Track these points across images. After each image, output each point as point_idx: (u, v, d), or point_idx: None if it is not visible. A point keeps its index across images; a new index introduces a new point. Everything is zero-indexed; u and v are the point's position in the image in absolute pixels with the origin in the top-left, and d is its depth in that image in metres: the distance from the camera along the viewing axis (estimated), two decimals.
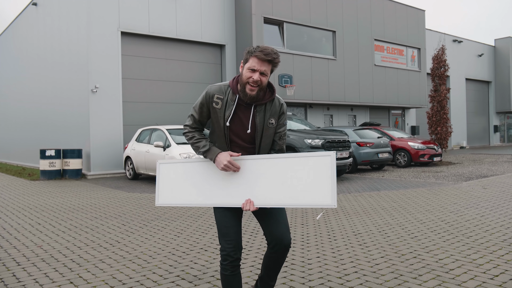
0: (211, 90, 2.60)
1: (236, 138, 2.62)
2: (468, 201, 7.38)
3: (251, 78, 2.46)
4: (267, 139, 2.63)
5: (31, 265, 4.17)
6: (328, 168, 2.35)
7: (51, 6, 16.16)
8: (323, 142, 11.20)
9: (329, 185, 2.35)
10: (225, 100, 2.57)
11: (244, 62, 2.55)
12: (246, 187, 2.52)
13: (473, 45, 29.16)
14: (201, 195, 2.62)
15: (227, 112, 2.56)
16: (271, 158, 2.51)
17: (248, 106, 2.58)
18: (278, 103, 2.66)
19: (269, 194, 2.47)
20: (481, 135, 30.56)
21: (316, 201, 2.37)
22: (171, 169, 2.73)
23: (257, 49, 2.47)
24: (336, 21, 18.64)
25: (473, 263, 3.97)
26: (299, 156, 2.45)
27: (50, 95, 16.39)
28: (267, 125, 2.60)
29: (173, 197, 2.69)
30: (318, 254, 4.38)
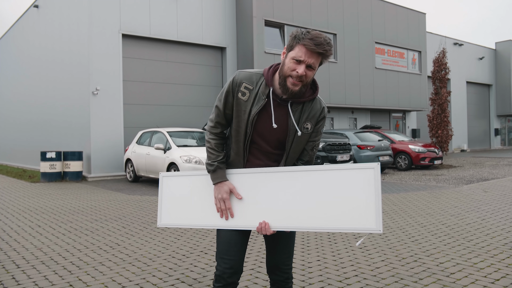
0: (239, 76, 2.15)
1: (259, 140, 2.18)
2: (469, 205, 7.36)
3: (295, 72, 2.00)
4: (297, 146, 2.18)
5: (30, 268, 4.16)
6: (371, 183, 1.90)
7: (53, 9, 16.20)
8: (323, 145, 11.19)
9: (372, 205, 1.89)
10: (255, 92, 2.12)
11: (288, 48, 2.06)
12: (263, 206, 2.10)
13: (474, 48, 29.18)
14: (209, 215, 2.23)
15: (254, 107, 2.10)
16: (294, 171, 2.07)
17: (282, 103, 2.12)
18: (319, 106, 2.20)
19: (291, 215, 2.04)
20: (482, 138, 30.53)
21: (356, 224, 1.92)
22: (175, 182, 2.35)
23: (306, 36, 1.99)
24: (337, 23, 18.66)
25: (474, 267, 3.96)
26: (332, 169, 2.00)
27: (51, 97, 16.41)
28: (301, 129, 2.15)
29: (178, 216, 2.31)
30: (319, 257, 4.37)
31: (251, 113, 2.11)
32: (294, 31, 2.05)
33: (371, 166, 1.92)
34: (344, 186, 1.94)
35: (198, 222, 2.27)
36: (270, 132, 2.15)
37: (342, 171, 1.97)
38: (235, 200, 2.17)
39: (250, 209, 2.12)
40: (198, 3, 15.48)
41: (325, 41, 1.98)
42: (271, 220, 2.08)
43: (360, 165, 1.96)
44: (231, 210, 2.15)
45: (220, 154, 2.21)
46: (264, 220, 2.09)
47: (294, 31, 2.05)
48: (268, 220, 2.09)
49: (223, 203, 2.15)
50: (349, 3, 19.18)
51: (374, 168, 1.92)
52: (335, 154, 11.24)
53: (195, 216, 2.27)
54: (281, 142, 2.17)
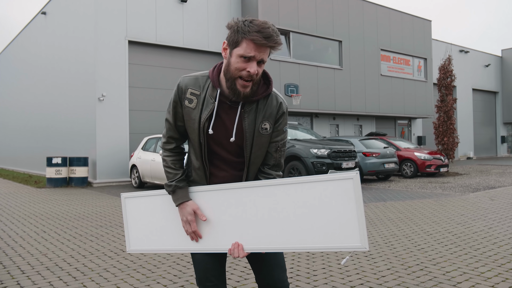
0: (184, 82, 1.92)
1: (218, 149, 1.95)
2: (475, 213, 7.31)
3: (245, 71, 1.76)
4: (258, 149, 1.94)
5: (35, 274, 4.17)
6: (351, 195, 1.68)
7: (60, 15, 16.35)
8: (329, 152, 11.17)
9: (354, 220, 1.68)
10: (202, 96, 1.88)
11: (231, 45, 1.79)
12: (233, 226, 1.88)
13: (480, 55, 29.11)
14: (179, 238, 2.01)
15: (204, 113, 1.87)
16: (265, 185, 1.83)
17: (233, 105, 1.89)
18: (276, 101, 1.94)
19: (265, 234, 1.82)
20: (488, 145, 30.36)
21: (338, 242, 1.71)
22: (140, 204, 2.09)
23: (252, 28, 1.72)
24: (342, 31, 18.69)
25: (481, 276, 3.92)
26: (306, 181, 1.75)
27: (57, 103, 16.51)
28: (258, 131, 1.90)
29: (147, 241, 2.08)
30: (324, 266, 4.34)
31: (201, 120, 1.89)
32: (232, 22, 1.78)
33: (349, 176, 1.68)
34: (321, 200, 1.72)
35: (169, 246, 2.05)
36: (227, 140, 1.91)
37: (317, 183, 1.73)
38: (203, 221, 1.95)
39: (221, 230, 1.91)
40: (204, 9, 15.57)
41: (274, 31, 1.74)
42: (244, 241, 1.87)
43: (337, 176, 1.71)
44: (198, 233, 1.94)
45: (178, 172, 1.99)
46: (236, 241, 1.88)
47: (231, 22, 1.79)
48: (240, 241, 1.87)
49: (189, 226, 1.94)
50: (355, 10, 19.22)
51: (353, 178, 1.67)
52: (340, 161, 11.21)
53: (165, 240, 2.05)
54: (241, 147, 1.94)
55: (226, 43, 1.81)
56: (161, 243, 2.05)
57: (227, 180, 1.96)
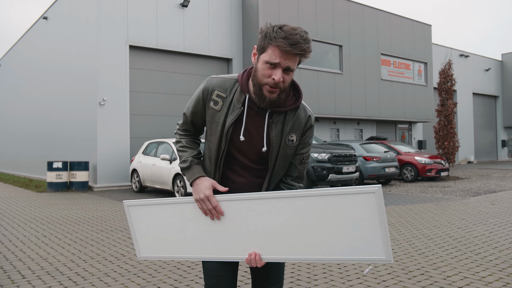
0: (211, 83, 1.88)
1: (238, 154, 1.90)
2: (476, 217, 7.30)
3: (270, 78, 1.72)
4: (283, 161, 1.90)
5: (36, 278, 4.16)
6: (374, 209, 1.67)
7: (61, 20, 16.41)
8: (329, 156, 11.17)
9: (378, 233, 1.68)
10: (229, 100, 1.85)
11: (259, 50, 1.76)
12: (252, 234, 1.83)
13: (480, 59, 29.15)
14: (190, 246, 1.92)
15: (229, 117, 1.83)
16: (284, 197, 1.78)
17: (260, 112, 1.84)
18: (304, 114, 1.91)
19: (285, 244, 1.79)
20: (489, 149, 30.36)
21: (362, 254, 1.71)
22: (144, 212, 2.00)
23: (279, 34, 1.68)
24: (342, 35, 18.74)
25: (482, 280, 3.91)
26: (328, 194, 1.73)
27: (58, 108, 16.54)
28: (285, 142, 1.87)
29: (157, 247, 1.99)
30: (325, 271, 4.34)
31: (225, 123, 1.84)
32: (264, 27, 1.75)
33: (371, 190, 1.66)
34: (344, 212, 1.70)
35: (180, 253, 1.96)
36: (249, 146, 1.87)
37: (340, 196, 1.71)
38: (220, 228, 1.86)
39: (239, 238, 1.84)
40: (204, 14, 15.62)
41: (302, 38, 1.69)
42: (262, 250, 1.82)
43: (359, 189, 1.69)
44: (219, 208, 1.81)
45: (194, 150, 1.96)
46: (254, 250, 1.81)
47: (263, 27, 1.75)
48: (258, 251, 1.81)
49: (208, 202, 1.80)
50: (355, 15, 19.28)
51: (375, 192, 1.65)
52: (341, 166, 11.21)
53: (175, 247, 1.95)
54: (262, 156, 1.89)
55: (256, 48, 1.79)
56: (172, 251, 1.97)
57: (245, 186, 1.92)
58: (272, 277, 2.01)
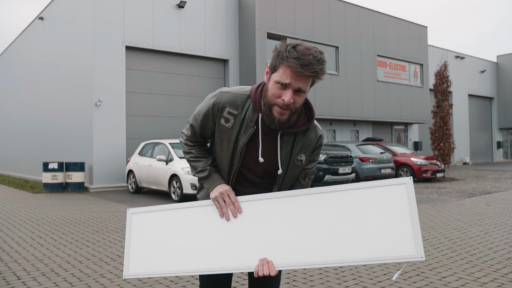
0: (222, 99, 1.79)
1: (245, 171, 1.87)
2: (471, 218, 7.33)
3: (280, 99, 1.65)
4: (290, 180, 1.88)
5: (31, 279, 4.15)
6: (405, 202, 1.57)
7: (57, 21, 16.36)
8: (326, 157, 11.19)
9: (409, 228, 1.56)
10: (241, 118, 1.78)
11: (271, 69, 1.71)
12: (263, 240, 1.68)
13: (476, 61, 29.28)
14: (192, 258, 1.76)
15: (242, 137, 1.78)
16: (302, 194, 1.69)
17: (271, 132, 1.78)
18: (315, 134, 1.86)
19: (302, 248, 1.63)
20: (484, 151, 30.48)
21: (392, 253, 1.55)
22: (147, 220, 1.86)
23: (291, 54, 1.60)
24: (339, 36, 18.78)
25: (477, 281, 3.93)
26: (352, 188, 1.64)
27: (54, 108, 16.49)
28: (293, 162, 1.83)
29: (151, 262, 1.81)
30: (321, 271, 4.34)
31: (237, 143, 1.79)
32: (278, 45, 1.69)
33: (402, 182, 1.59)
34: (372, 208, 1.59)
35: (178, 268, 1.78)
36: (257, 165, 1.83)
37: (368, 190, 1.62)
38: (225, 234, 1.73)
39: (247, 246, 1.69)
40: (201, 15, 15.62)
41: (315, 59, 1.61)
42: (275, 256, 1.65)
43: (388, 181, 1.61)
44: (238, 204, 1.75)
45: (208, 159, 1.90)
46: (265, 257, 1.66)
47: (278, 45, 1.69)
48: (271, 257, 1.65)
49: (227, 197, 1.77)
50: (351, 16, 19.33)
51: (406, 183, 1.58)
52: (337, 167, 11.23)
53: (173, 261, 1.79)
54: (269, 173, 1.86)
55: (268, 66, 1.73)
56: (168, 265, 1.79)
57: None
58: (269, 279, 1.96)
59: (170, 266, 1.79)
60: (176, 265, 1.78)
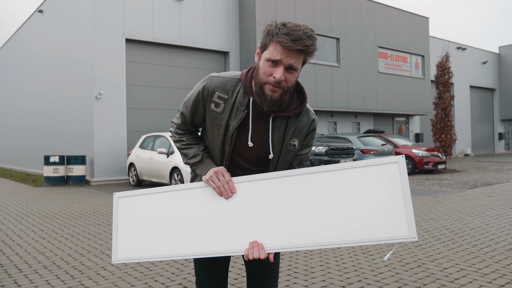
0: (212, 83, 1.76)
1: (237, 157, 1.84)
2: (473, 209, 7.32)
3: (271, 77, 1.63)
4: (283, 166, 1.84)
5: (33, 272, 4.16)
6: (397, 181, 1.54)
7: (57, 14, 16.29)
8: (327, 149, 11.18)
9: (401, 207, 1.53)
10: (231, 102, 1.75)
11: (261, 48, 1.68)
12: (252, 223, 1.65)
13: (477, 52, 29.14)
14: (180, 242, 1.74)
15: (233, 121, 1.75)
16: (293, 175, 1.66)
17: (263, 116, 1.76)
18: (307, 118, 1.83)
19: (294, 229, 1.61)
20: (486, 142, 30.44)
21: (384, 233, 1.53)
22: (135, 204, 1.84)
23: (281, 30, 1.59)
24: (340, 28, 18.68)
25: (478, 272, 3.93)
26: (343, 168, 1.61)
27: (54, 102, 16.47)
28: (286, 147, 1.80)
29: (140, 247, 1.79)
30: (322, 263, 4.34)
31: (228, 128, 1.76)
32: (267, 25, 1.67)
33: (394, 160, 1.56)
34: (362, 188, 1.57)
35: (167, 252, 1.76)
36: (249, 150, 1.80)
37: (360, 169, 1.58)
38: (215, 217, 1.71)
39: (236, 228, 1.66)
40: (201, 7, 15.54)
41: (306, 34, 1.58)
42: (265, 239, 1.62)
43: (381, 160, 1.57)
44: (232, 183, 1.72)
45: (200, 146, 1.87)
46: (255, 239, 1.63)
47: (267, 25, 1.67)
48: (261, 240, 1.62)
49: (221, 176, 1.72)
50: (352, 8, 19.21)
51: (399, 161, 1.55)
52: (338, 159, 11.22)
53: (162, 245, 1.77)
54: (262, 159, 1.83)
55: (259, 46, 1.71)
56: (157, 250, 1.78)
57: None
58: (268, 271, 1.95)
59: (160, 250, 1.77)
60: (165, 249, 1.76)
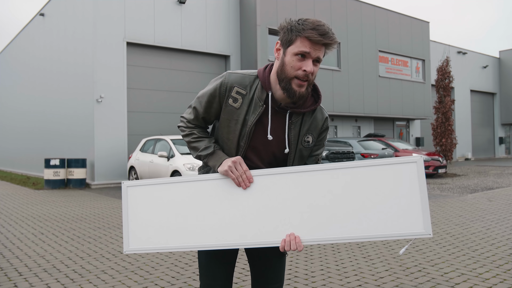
0: (230, 79, 1.78)
1: (252, 155, 1.82)
2: (473, 214, 7.32)
3: (300, 70, 1.67)
4: (298, 163, 1.85)
5: (33, 276, 4.15)
6: (415, 180, 1.64)
7: (58, 17, 16.34)
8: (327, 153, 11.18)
9: (418, 205, 1.63)
10: (249, 97, 1.77)
11: (284, 44, 1.71)
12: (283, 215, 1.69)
13: (478, 56, 29.17)
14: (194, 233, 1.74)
15: (251, 116, 1.76)
16: (319, 169, 1.71)
17: (280, 111, 1.79)
18: (321, 115, 1.87)
19: (321, 224, 1.67)
20: (486, 146, 30.41)
21: (401, 229, 1.63)
22: (144, 193, 1.81)
23: (306, 26, 1.66)
24: (340, 32, 18.71)
25: (479, 277, 3.92)
26: (365, 165, 1.67)
27: (55, 105, 16.49)
28: (301, 143, 1.82)
29: (152, 238, 1.78)
30: (322, 267, 4.34)
31: (246, 123, 1.76)
32: (285, 23, 1.72)
33: (413, 160, 1.65)
34: (383, 185, 1.65)
35: (182, 243, 1.76)
36: (265, 146, 1.80)
37: (378, 167, 1.66)
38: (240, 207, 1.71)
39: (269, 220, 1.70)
40: (202, 11, 15.58)
41: (329, 29, 1.69)
42: (300, 232, 1.67)
43: (399, 159, 1.66)
44: (249, 173, 1.72)
45: (211, 139, 1.86)
46: (292, 232, 1.67)
47: (284, 23, 1.72)
48: (297, 233, 1.67)
49: (239, 166, 1.71)
50: (353, 12, 19.25)
51: (417, 161, 1.65)
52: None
53: (175, 235, 1.76)
54: (277, 157, 1.83)
55: (279, 43, 1.74)
56: (172, 241, 1.76)
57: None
58: (273, 276, 1.94)
59: (173, 241, 1.77)
60: (179, 240, 1.76)
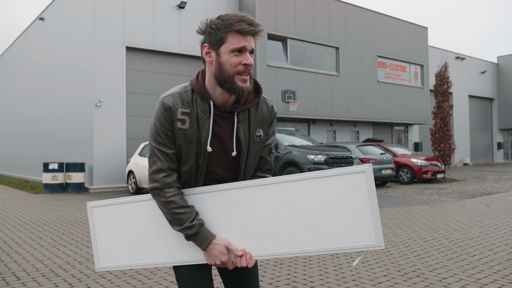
0: (169, 103, 1.70)
1: (215, 167, 1.77)
2: (472, 219, 7.32)
3: (240, 65, 1.63)
4: (253, 159, 1.80)
5: (31, 280, 4.15)
6: (364, 190, 1.56)
7: (58, 21, 16.37)
8: (326, 158, 11.19)
9: (368, 216, 1.56)
10: (195, 114, 1.69)
11: (214, 45, 1.66)
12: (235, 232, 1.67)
13: (476, 62, 29.28)
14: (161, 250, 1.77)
15: (203, 131, 1.69)
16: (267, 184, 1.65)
17: (227, 116, 1.73)
18: (266, 106, 1.82)
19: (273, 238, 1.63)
20: (485, 152, 30.47)
21: (353, 242, 1.57)
22: (109, 213, 1.84)
23: (233, 20, 1.64)
24: (339, 37, 18.78)
25: (477, 282, 3.92)
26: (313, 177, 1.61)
27: (54, 109, 16.49)
28: (253, 139, 1.77)
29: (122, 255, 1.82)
30: (321, 272, 4.34)
31: (200, 140, 1.69)
32: (204, 25, 1.71)
33: (361, 169, 1.55)
34: (332, 196, 1.57)
35: (149, 260, 1.79)
36: (225, 154, 1.75)
37: (328, 179, 1.58)
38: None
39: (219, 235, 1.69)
40: (201, 16, 15.61)
41: (253, 19, 1.67)
42: (250, 247, 1.64)
43: (348, 169, 1.57)
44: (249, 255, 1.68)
45: (192, 209, 1.68)
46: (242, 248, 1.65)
47: (203, 26, 1.71)
48: (247, 248, 1.64)
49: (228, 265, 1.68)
50: (352, 17, 19.33)
51: (366, 171, 1.54)
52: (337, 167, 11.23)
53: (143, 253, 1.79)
54: (237, 160, 1.79)
55: (207, 46, 1.68)
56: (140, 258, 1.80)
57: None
58: (248, 286, 1.89)
59: (140, 258, 1.80)
60: (147, 257, 1.79)
